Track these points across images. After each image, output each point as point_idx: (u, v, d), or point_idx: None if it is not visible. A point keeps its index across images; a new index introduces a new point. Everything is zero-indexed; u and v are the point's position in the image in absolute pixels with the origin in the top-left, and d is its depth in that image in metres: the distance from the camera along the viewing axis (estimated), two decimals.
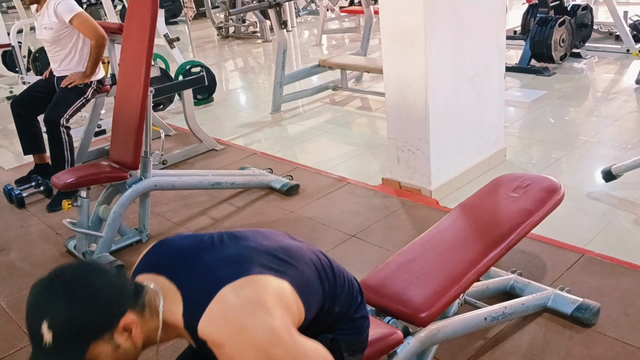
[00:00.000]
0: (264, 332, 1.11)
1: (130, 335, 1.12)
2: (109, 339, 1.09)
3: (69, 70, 3.80)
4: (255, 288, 1.16)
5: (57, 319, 1.04)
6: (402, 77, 3.16)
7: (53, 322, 1.04)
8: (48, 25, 3.68)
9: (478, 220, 2.12)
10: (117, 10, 8.25)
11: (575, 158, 3.75)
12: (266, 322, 1.12)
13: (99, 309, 1.08)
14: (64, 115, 3.67)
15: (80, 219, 2.99)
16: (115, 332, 1.10)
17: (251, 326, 1.11)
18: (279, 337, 1.13)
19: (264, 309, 1.13)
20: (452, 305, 1.99)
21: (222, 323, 1.12)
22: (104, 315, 1.08)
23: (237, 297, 1.14)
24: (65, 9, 3.60)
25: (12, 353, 2.40)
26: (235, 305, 1.13)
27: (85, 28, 3.65)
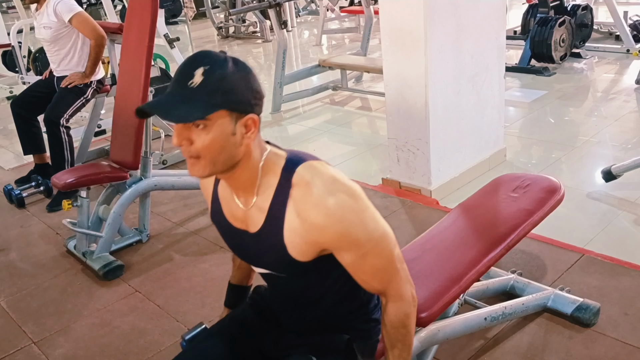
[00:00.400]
0: (359, 191, 1.23)
1: (245, 135, 1.17)
2: (234, 118, 1.15)
3: (68, 70, 3.80)
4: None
5: (214, 71, 1.11)
6: (402, 77, 3.16)
7: (209, 71, 1.11)
8: (47, 25, 3.68)
9: (478, 220, 2.12)
10: (117, 10, 8.25)
11: (575, 158, 3.75)
12: (358, 188, 1.24)
13: (246, 90, 1.15)
14: (64, 115, 3.66)
15: (80, 219, 2.99)
16: (240, 119, 1.16)
17: (348, 184, 1.22)
18: (365, 200, 1.24)
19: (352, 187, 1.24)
20: (452, 306, 1.99)
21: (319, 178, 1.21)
22: (246, 97, 1.15)
23: (327, 169, 1.24)
24: (65, 9, 3.60)
25: (12, 353, 2.40)
26: (332, 171, 1.23)
27: (85, 28, 3.65)
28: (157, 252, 3.06)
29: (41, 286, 2.86)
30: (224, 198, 1.35)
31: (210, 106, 1.11)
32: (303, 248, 1.23)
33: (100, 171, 2.99)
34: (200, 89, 1.11)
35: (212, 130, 1.13)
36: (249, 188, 1.26)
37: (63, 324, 2.54)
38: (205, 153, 1.15)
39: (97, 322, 2.53)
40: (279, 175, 1.23)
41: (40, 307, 2.69)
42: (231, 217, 1.34)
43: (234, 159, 1.19)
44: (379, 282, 1.28)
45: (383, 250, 1.26)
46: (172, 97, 1.12)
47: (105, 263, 2.87)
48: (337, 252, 1.24)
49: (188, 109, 1.10)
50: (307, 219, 1.19)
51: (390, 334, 1.33)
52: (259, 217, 1.26)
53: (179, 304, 2.60)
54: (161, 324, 2.47)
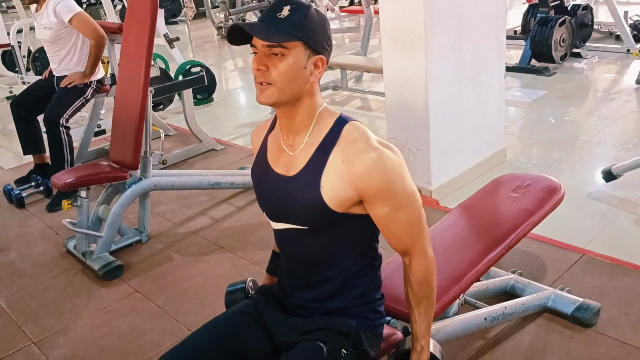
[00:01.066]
0: (398, 151, 1.37)
1: (312, 72, 1.33)
2: (307, 54, 1.30)
3: (68, 70, 3.80)
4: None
5: (299, 9, 1.29)
6: (402, 77, 3.16)
7: (295, 9, 1.29)
8: (47, 25, 3.67)
9: (478, 220, 2.12)
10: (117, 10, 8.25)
11: (575, 158, 3.75)
12: (397, 149, 1.37)
13: (322, 33, 1.32)
14: (64, 115, 3.66)
15: (80, 219, 2.99)
16: (312, 57, 1.31)
17: (388, 144, 1.36)
18: (403, 159, 1.37)
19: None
20: (452, 306, 1.99)
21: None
22: (321, 38, 1.32)
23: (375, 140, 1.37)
24: (65, 9, 3.60)
25: (12, 353, 2.39)
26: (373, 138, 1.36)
27: (85, 28, 3.65)
28: (157, 252, 3.06)
29: (41, 286, 2.86)
30: (272, 146, 1.46)
31: (291, 36, 1.27)
32: (340, 193, 1.32)
33: (100, 171, 2.99)
34: (286, 20, 1.28)
35: (288, 59, 1.28)
36: (302, 130, 1.38)
37: (63, 324, 2.54)
38: (277, 80, 1.29)
39: (97, 322, 2.53)
40: (331, 125, 1.36)
41: (40, 307, 2.69)
42: (274, 163, 1.44)
43: (300, 92, 1.33)
44: (409, 237, 1.39)
45: (415, 205, 1.37)
46: (263, 23, 1.30)
47: (105, 263, 2.86)
48: (374, 203, 1.33)
49: (274, 33, 1.27)
50: (352, 165, 1.31)
51: (415, 292, 1.43)
52: (302, 160, 1.37)
53: (179, 304, 2.60)
54: (161, 324, 2.47)
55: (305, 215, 1.37)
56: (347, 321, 1.44)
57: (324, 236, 1.40)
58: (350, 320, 1.44)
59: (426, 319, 1.45)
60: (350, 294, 1.46)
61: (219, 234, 3.18)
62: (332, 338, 1.41)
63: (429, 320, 1.46)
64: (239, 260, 2.88)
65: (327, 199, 1.32)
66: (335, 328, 1.43)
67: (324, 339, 1.40)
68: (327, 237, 1.40)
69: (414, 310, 1.45)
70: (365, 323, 1.47)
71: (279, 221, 1.45)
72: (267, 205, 1.47)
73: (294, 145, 1.39)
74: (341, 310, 1.46)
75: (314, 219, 1.37)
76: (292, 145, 1.40)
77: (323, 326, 1.44)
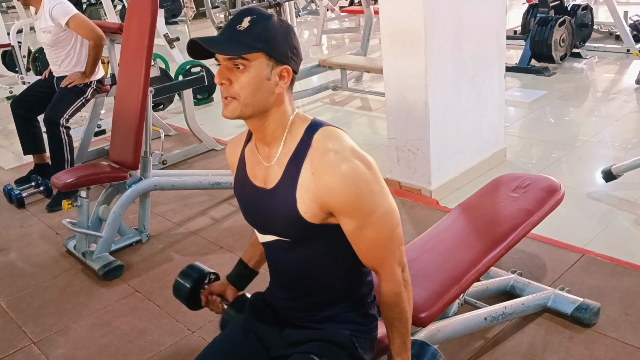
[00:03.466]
0: (373, 164, 1.31)
1: (277, 84, 1.29)
2: (270, 65, 1.27)
3: (68, 71, 3.80)
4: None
5: (259, 20, 1.27)
6: (402, 77, 3.16)
7: (255, 21, 1.26)
8: (46, 29, 3.67)
9: (478, 220, 2.12)
10: (117, 10, 8.25)
11: (575, 158, 3.75)
12: (373, 161, 1.32)
13: (285, 43, 1.29)
14: (64, 115, 3.66)
15: (80, 219, 2.99)
16: (276, 68, 1.28)
17: (364, 154, 1.31)
18: (378, 173, 1.32)
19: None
20: (452, 305, 1.99)
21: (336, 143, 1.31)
22: (284, 48, 1.29)
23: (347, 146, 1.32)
24: (61, 12, 3.58)
25: (12, 353, 2.39)
26: (350, 146, 1.31)
27: (83, 29, 3.63)
28: (157, 252, 3.06)
29: (41, 286, 2.86)
30: (250, 159, 1.44)
31: (251, 47, 1.25)
32: (311, 207, 1.30)
33: (100, 171, 2.98)
34: (245, 32, 1.26)
35: (250, 71, 1.26)
36: (274, 141, 1.35)
37: (63, 324, 2.54)
38: (241, 93, 1.27)
39: (97, 322, 2.53)
40: (302, 134, 1.33)
41: (40, 307, 2.69)
42: (253, 176, 1.42)
43: (265, 104, 1.30)
44: (374, 257, 1.35)
45: (384, 226, 1.32)
46: (221, 37, 1.28)
47: (105, 263, 2.86)
48: (342, 218, 1.30)
49: (232, 46, 1.25)
50: (320, 178, 1.27)
51: (386, 313, 1.40)
52: (277, 172, 1.35)
53: (179, 304, 2.57)
54: (161, 324, 2.47)
55: (286, 228, 1.36)
56: (340, 330, 1.43)
57: (308, 247, 1.38)
58: (344, 329, 1.43)
59: (399, 337, 1.41)
60: (342, 302, 1.45)
61: (219, 234, 3.17)
62: (326, 350, 1.40)
63: (403, 339, 1.41)
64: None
65: (303, 212, 1.30)
66: (329, 338, 1.42)
67: (317, 351, 1.39)
68: (312, 248, 1.38)
69: (387, 329, 1.42)
70: (359, 329, 1.46)
71: (265, 233, 1.43)
72: (251, 219, 1.47)
73: (269, 156, 1.37)
74: (333, 317, 1.45)
75: (294, 232, 1.35)
76: (267, 156, 1.37)
77: (316, 337, 1.43)
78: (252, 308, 1.58)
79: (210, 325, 2.39)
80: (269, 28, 1.26)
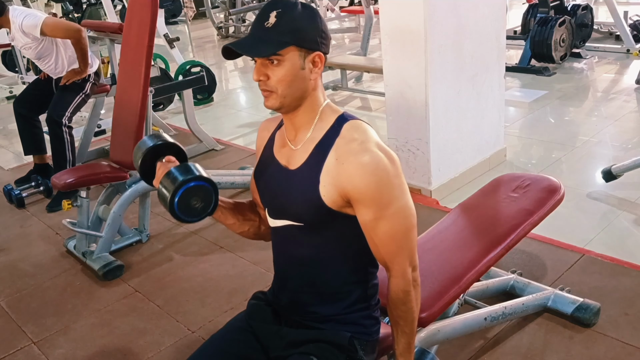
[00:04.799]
0: (397, 160, 1.34)
1: (312, 70, 1.33)
2: (302, 54, 1.30)
3: (63, 72, 3.79)
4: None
5: (285, 11, 1.28)
6: (402, 77, 3.16)
7: (281, 14, 1.28)
8: (26, 45, 3.63)
9: (478, 220, 2.12)
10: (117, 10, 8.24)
11: (575, 158, 3.75)
12: (397, 159, 1.34)
13: (313, 29, 1.31)
14: (66, 113, 3.67)
15: (80, 219, 2.99)
16: (308, 56, 1.31)
17: (386, 150, 1.33)
18: (400, 170, 1.34)
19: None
20: (452, 305, 1.99)
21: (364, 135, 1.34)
22: (313, 35, 1.31)
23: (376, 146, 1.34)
24: (31, 24, 3.50)
25: (12, 353, 2.40)
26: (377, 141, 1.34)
27: (58, 31, 3.58)
28: (157, 252, 3.06)
29: (41, 286, 2.86)
30: (278, 140, 1.47)
31: (281, 43, 1.27)
32: (331, 192, 1.32)
33: (100, 171, 2.98)
34: (273, 28, 1.27)
35: (284, 65, 1.29)
36: (304, 126, 1.39)
37: (63, 324, 2.54)
38: (278, 86, 1.30)
39: (97, 322, 2.53)
40: (332, 122, 1.37)
41: (40, 307, 2.69)
42: (278, 154, 1.45)
43: (303, 93, 1.34)
44: (388, 252, 1.35)
45: (402, 220, 1.33)
46: (251, 38, 1.31)
47: (105, 263, 2.87)
48: (358, 207, 1.31)
49: (264, 46, 1.28)
50: (342, 164, 1.30)
51: (391, 310, 1.41)
52: (302, 155, 1.38)
53: (179, 304, 2.60)
54: (161, 324, 2.47)
55: (303, 211, 1.37)
56: (340, 332, 1.42)
57: (319, 235, 1.39)
58: (344, 331, 1.42)
59: (404, 338, 1.41)
60: (345, 301, 1.44)
61: (219, 234, 3.17)
62: (325, 351, 1.39)
63: (408, 339, 1.42)
64: (239, 260, 2.88)
65: (324, 196, 1.32)
66: (329, 339, 1.41)
67: (317, 352, 1.39)
68: (323, 236, 1.39)
69: (393, 328, 1.43)
70: (360, 330, 1.45)
71: (278, 217, 1.44)
72: (269, 199, 1.47)
73: (296, 140, 1.40)
74: (336, 317, 1.44)
75: (310, 216, 1.36)
76: (294, 140, 1.40)
77: (316, 338, 1.42)
78: (252, 307, 1.58)
79: (210, 325, 2.39)
80: (296, 18, 1.28)
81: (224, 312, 2.47)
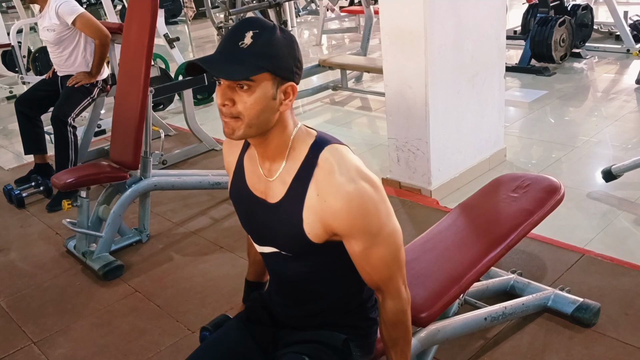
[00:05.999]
0: (379, 183, 1.28)
1: (282, 102, 1.22)
2: (276, 83, 1.20)
3: (73, 70, 3.80)
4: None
5: (262, 33, 1.17)
6: (402, 77, 3.16)
7: (258, 35, 1.17)
8: (50, 27, 3.67)
9: (478, 220, 2.12)
10: (117, 10, 8.24)
11: (575, 158, 3.75)
12: (379, 181, 1.29)
13: (290, 57, 1.21)
14: (71, 114, 3.68)
15: (80, 219, 2.99)
16: (282, 85, 1.21)
17: (370, 174, 1.28)
18: (383, 193, 1.29)
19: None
20: (452, 306, 1.99)
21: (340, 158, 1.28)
22: (289, 64, 1.21)
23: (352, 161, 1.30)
24: (67, 11, 3.60)
25: (12, 353, 2.40)
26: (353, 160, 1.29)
27: (89, 28, 3.65)
28: (157, 252, 3.06)
29: (41, 286, 2.86)
30: (249, 167, 1.38)
31: (256, 68, 1.16)
32: (315, 228, 1.26)
33: (100, 171, 2.98)
34: (249, 50, 1.16)
35: (255, 92, 1.18)
36: (277, 157, 1.29)
37: (63, 324, 2.54)
38: (245, 114, 1.19)
39: (97, 322, 2.53)
40: (307, 151, 1.27)
41: (40, 307, 2.69)
42: (252, 186, 1.37)
43: (269, 124, 1.23)
44: (381, 277, 1.32)
45: (391, 245, 1.30)
46: (222, 56, 1.18)
47: (105, 263, 2.86)
48: (347, 240, 1.27)
49: (237, 68, 1.16)
50: (325, 200, 1.23)
51: (390, 332, 1.38)
52: (280, 188, 1.30)
53: (179, 304, 2.60)
54: (161, 324, 2.47)
55: (287, 243, 1.33)
56: (336, 334, 1.41)
57: (309, 261, 1.36)
58: (340, 333, 1.41)
59: (403, 358, 1.40)
60: (342, 309, 1.44)
61: (219, 234, 3.17)
62: (319, 351, 1.39)
63: (407, 358, 1.41)
64: (239, 260, 2.88)
65: (308, 232, 1.27)
66: (323, 340, 1.40)
67: (310, 352, 1.38)
68: (313, 262, 1.36)
69: (390, 350, 1.40)
70: (358, 332, 1.45)
71: (264, 245, 1.41)
72: (250, 229, 1.44)
73: (270, 171, 1.32)
74: (333, 322, 1.44)
75: (295, 248, 1.32)
76: (269, 171, 1.32)
77: (310, 339, 1.42)
78: (249, 308, 1.57)
79: None
80: (273, 43, 1.18)
81: (224, 312, 2.45)
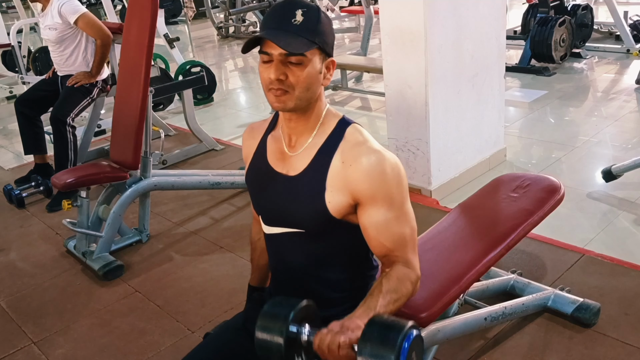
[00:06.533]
0: (402, 166, 1.33)
1: (325, 76, 1.32)
2: (322, 58, 1.29)
3: (73, 69, 3.80)
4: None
5: (310, 12, 1.25)
6: (402, 77, 3.16)
7: (307, 13, 1.25)
8: (52, 26, 3.67)
9: (478, 220, 2.12)
10: (117, 10, 8.24)
11: (575, 158, 3.75)
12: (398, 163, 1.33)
13: (331, 34, 1.32)
14: (71, 114, 3.68)
15: (80, 219, 2.99)
16: (326, 60, 1.30)
17: (392, 154, 1.32)
18: (404, 172, 1.33)
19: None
20: (452, 306, 1.99)
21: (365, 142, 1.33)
22: (332, 40, 1.32)
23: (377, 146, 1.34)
24: (70, 10, 3.60)
25: (12, 353, 2.40)
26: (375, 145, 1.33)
27: (91, 28, 3.65)
28: (157, 252, 3.06)
29: (41, 286, 2.86)
30: (272, 146, 1.42)
31: (311, 43, 1.25)
32: (337, 197, 1.29)
33: (100, 171, 2.99)
34: (302, 26, 1.24)
35: (307, 66, 1.26)
36: (307, 131, 1.36)
37: (63, 324, 2.54)
38: (297, 87, 1.26)
39: (97, 322, 2.53)
40: (334, 126, 1.35)
41: (40, 307, 2.69)
42: (274, 162, 1.41)
43: (314, 96, 1.31)
44: (397, 247, 1.31)
45: (410, 222, 1.34)
46: (282, 32, 1.24)
47: (105, 263, 2.86)
48: (368, 208, 1.29)
49: (296, 43, 1.23)
50: (351, 165, 1.28)
51: (391, 282, 1.28)
52: (304, 161, 1.34)
53: (179, 304, 2.60)
54: (161, 324, 2.47)
55: (304, 218, 1.34)
56: None
57: (318, 242, 1.37)
58: None
59: (391, 306, 1.27)
60: (344, 303, 1.43)
61: (219, 234, 3.18)
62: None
63: (387, 310, 1.26)
64: (239, 260, 2.88)
65: (327, 202, 1.30)
66: None
67: None
68: (322, 243, 1.37)
69: (380, 297, 1.26)
70: None
71: (275, 225, 1.41)
72: (265, 208, 1.44)
73: (295, 146, 1.37)
74: (334, 317, 1.42)
75: (312, 222, 1.34)
76: (293, 147, 1.37)
77: None
78: (248, 309, 1.57)
79: (210, 325, 2.39)
80: (321, 21, 1.27)
81: (224, 312, 2.47)
